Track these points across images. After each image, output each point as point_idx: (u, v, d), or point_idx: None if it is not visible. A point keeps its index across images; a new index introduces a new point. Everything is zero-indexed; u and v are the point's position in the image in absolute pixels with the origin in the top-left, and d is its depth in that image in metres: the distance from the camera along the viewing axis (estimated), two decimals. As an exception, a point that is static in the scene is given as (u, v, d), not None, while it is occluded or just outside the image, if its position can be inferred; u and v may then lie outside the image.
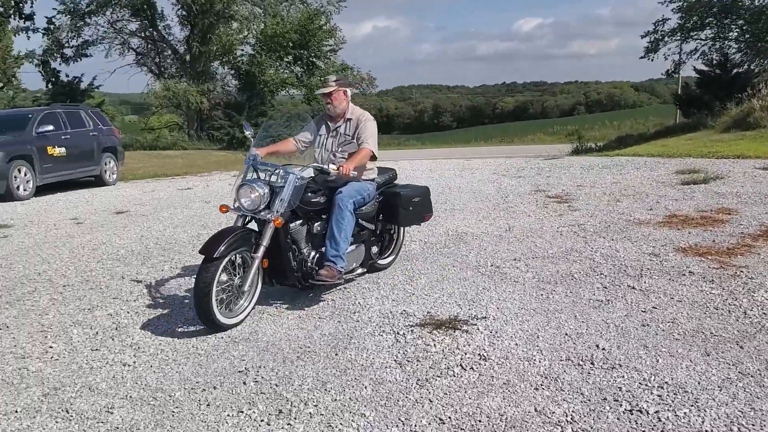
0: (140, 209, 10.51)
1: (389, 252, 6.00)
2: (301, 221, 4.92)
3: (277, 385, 3.66)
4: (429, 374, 3.71)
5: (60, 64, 31.05)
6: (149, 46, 31.96)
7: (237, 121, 27.33)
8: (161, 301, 5.36)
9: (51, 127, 13.18)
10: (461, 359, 3.89)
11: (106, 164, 14.67)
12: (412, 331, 4.38)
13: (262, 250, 4.53)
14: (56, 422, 3.35)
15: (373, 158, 5.28)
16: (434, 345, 4.12)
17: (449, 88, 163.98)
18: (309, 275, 4.87)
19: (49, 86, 30.90)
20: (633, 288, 5.03)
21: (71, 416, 3.42)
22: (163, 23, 31.58)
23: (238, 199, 4.70)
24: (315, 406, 3.40)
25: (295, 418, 3.28)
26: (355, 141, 5.17)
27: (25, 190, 12.37)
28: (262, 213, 4.63)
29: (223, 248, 4.30)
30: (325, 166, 4.87)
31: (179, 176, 15.87)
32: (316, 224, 5.04)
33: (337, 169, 4.85)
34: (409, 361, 3.90)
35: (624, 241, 6.55)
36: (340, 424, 3.20)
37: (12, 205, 11.55)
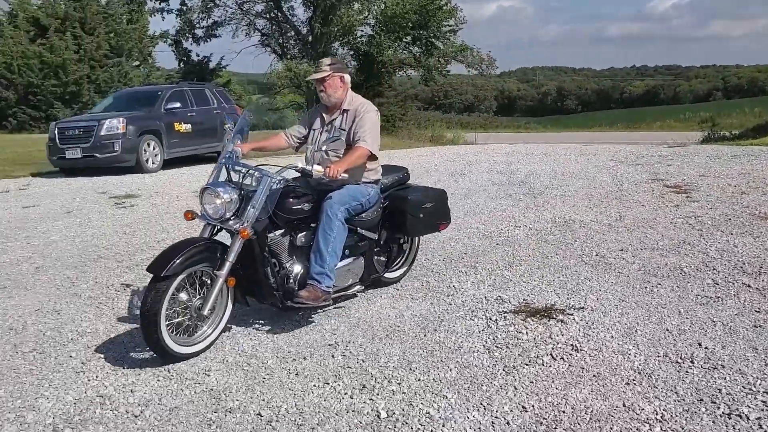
0: (256, 184, 10.93)
1: (398, 264, 5.15)
2: (282, 231, 4.17)
3: (363, 361, 3.73)
4: (517, 362, 3.65)
5: (191, 43, 32.71)
6: (273, 27, 32.97)
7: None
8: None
9: (178, 104, 13.94)
10: (552, 349, 3.80)
11: (228, 141, 15.34)
12: (504, 317, 4.31)
13: (227, 266, 3.80)
14: (158, 380, 3.58)
15: (372, 158, 4.45)
16: (526, 333, 4.04)
17: (575, 70, 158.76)
18: (291, 294, 4.12)
19: (181, 65, 32.64)
20: (748, 286, 4.71)
21: (172, 375, 3.64)
22: (288, 4, 32.50)
23: (202, 206, 4.00)
24: (398, 384, 3.44)
25: (378, 394, 3.33)
26: (341, 138, 4.42)
27: (153, 163, 13.18)
28: (230, 222, 3.93)
29: (176, 264, 3.61)
30: (308, 167, 4.05)
31: (296, 154, 16.33)
32: (301, 235, 4.26)
33: (323, 170, 4.06)
34: (498, 347, 3.85)
35: (744, 236, 6.12)
36: (421, 403, 3.22)
37: (140, 177, 12.34)
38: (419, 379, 3.48)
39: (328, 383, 3.47)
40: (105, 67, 28.05)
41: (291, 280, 4.14)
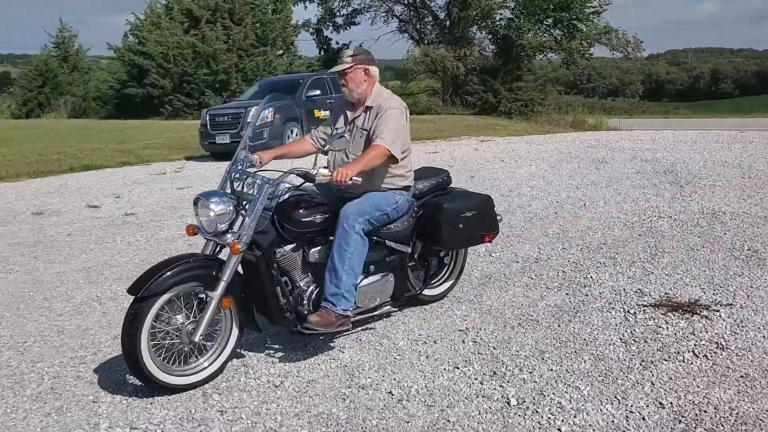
0: (391, 170, 11.09)
1: (440, 279, 4.56)
2: (293, 246, 3.67)
3: (494, 348, 3.72)
4: (655, 357, 3.51)
5: (331, 32, 33.60)
6: (411, 13, 33.16)
7: (491, 86, 27.42)
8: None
9: (318, 92, 14.41)
10: (695, 345, 3.61)
11: (365, 127, 15.66)
12: (644, 310, 4.15)
13: (221, 286, 3.36)
14: (297, 354, 3.78)
15: (393, 160, 3.79)
16: (666, 327, 3.87)
17: (732, 51, 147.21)
18: (305, 317, 3.63)
19: (321, 53, 33.63)
20: None
21: (309, 350, 3.82)
22: (426, -11, 32.56)
23: (197, 218, 3.55)
24: (530, 372, 3.41)
25: (508, 382, 3.32)
26: (345, 136, 3.80)
27: (295, 148, 13.72)
28: (227, 236, 3.48)
29: (156, 283, 3.21)
30: (312, 171, 3.52)
31: (429, 140, 16.41)
32: (315, 250, 3.73)
33: (330, 174, 3.52)
34: (635, 341, 3.72)
35: None
36: (553, 393, 3.18)
37: (285, 162, 12.87)
38: (551, 369, 3.43)
39: (458, 367, 3.51)
40: (251, 56, 29.48)
41: (305, 301, 3.69)
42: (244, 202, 3.56)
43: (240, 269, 3.54)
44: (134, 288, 3.24)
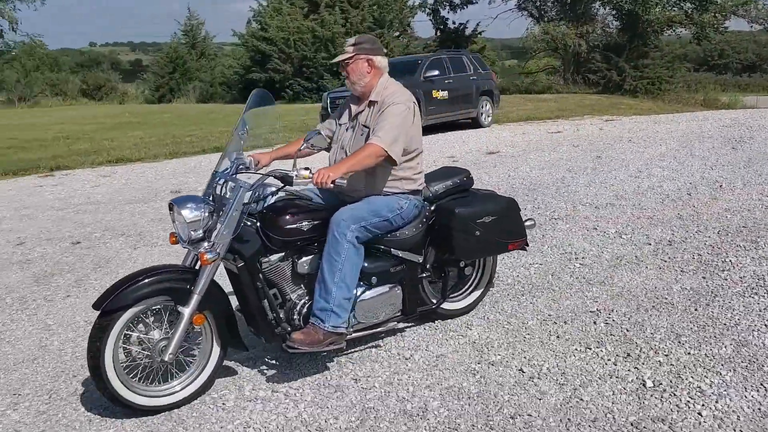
0: (510, 150, 10.96)
1: (464, 291, 4.10)
2: (280, 255, 3.34)
3: (627, 330, 3.64)
4: (806, 345, 3.32)
5: (448, 12, 33.41)
6: (533, -10, 32.42)
7: (615, 63, 26.37)
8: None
9: (436, 72, 14.35)
10: None
11: (482, 107, 15.45)
12: (791, 296, 3.92)
13: (193, 300, 3.07)
14: (425, 329, 3.86)
15: (391, 161, 3.39)
16: (818, 315, 3.64)
17: None
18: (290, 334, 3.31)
19: (438, 33, 33.51)
20: None
21: (437, 326, 3.90)
22: (549, -34, 31.67)
23: (173, 225, 3.26)
24: (665, 355, 3.31)
25: (643, 363, 3.25)
26: (323, 133, 3.49)
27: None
28: (204, 244, 3.13)
29: (120, 297, 2.97)
30: (291, 172, 3.19)
31: (551, 120, 16.02)
32: (304, 260, 3.39)
33: (310, 176, 3.17)
34: (782, 328, 3.52)
35: None
36: (691, 377, 3.08)
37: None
38: (689, 353, 3.32)
39: (590, 348, 3.46)
40: (369, 38, 29.79)
41: (295, 316, 3.36)
42: (220, 207, 3.25)
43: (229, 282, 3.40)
44: (98, 302, 2.99)
